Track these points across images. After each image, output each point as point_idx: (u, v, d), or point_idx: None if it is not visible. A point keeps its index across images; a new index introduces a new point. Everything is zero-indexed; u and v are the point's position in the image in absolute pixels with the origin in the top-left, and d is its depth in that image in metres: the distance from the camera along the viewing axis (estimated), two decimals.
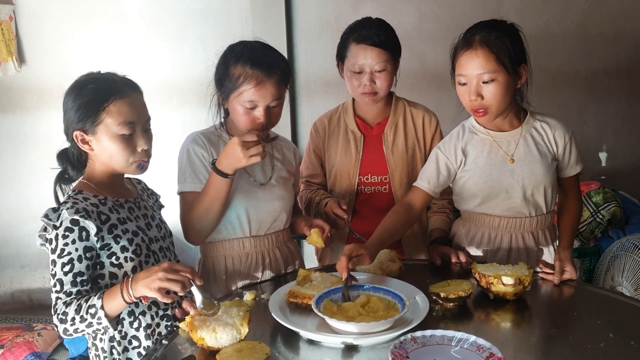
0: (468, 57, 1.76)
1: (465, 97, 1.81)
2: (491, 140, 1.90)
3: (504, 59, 1.74)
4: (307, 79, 3.79)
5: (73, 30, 3.77)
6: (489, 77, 1.75)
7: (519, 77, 1.81)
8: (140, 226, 1.66)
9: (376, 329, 1.39)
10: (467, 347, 1.32)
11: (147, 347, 1.62)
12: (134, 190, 1.77)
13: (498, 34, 1.76)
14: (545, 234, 1.97)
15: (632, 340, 1.39)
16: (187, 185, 1.87)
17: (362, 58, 2.02)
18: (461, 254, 1.90)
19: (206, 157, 1.88)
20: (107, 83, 1.59)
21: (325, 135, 2.24)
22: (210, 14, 3.72)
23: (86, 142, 1.59)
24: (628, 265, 2.43)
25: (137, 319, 1.62)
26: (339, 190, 2.21)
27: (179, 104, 3.80)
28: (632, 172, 3.79)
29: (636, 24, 3.66)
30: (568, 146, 1.91)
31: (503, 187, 1.88)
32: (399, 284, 1.66)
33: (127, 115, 1.57)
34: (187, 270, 1.44)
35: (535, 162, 1.87)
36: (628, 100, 3.76)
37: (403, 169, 2.17)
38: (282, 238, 2.02)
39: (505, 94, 1.78)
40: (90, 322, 1.45)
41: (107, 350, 1.62)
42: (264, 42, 1.88)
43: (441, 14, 3.65)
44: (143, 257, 1.62)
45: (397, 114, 2.20)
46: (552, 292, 1.76)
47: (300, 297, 1.57)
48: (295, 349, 1.41)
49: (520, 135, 1.89)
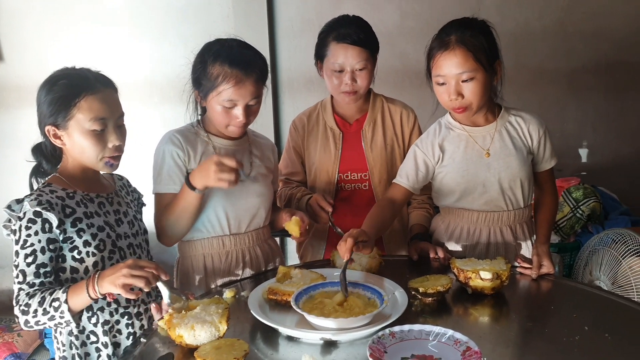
0: (446, 58, 1.78)
1: (444, 96, 1.83)
2: (467, 136, 1.93)
3: (481, 57, 1.77)
4: (289, 76, 3.79)
5: (53, 28, 3.73)
6: (468, 75, 1.77)
7: (495, 73, 1.83)
8: (108, 222, 1.65)
9: (355, 325, 1.40)
10: (444, 342, 1.33)
11: (105, 343, 1.64)
12: (111, 185, 1.77)
13: (473, 33, 1.77)
14: (523, 228, 1.99)
15: (606, 332, 1.41)
16: (161, 186, 1.87)
17: (343, 57, 2.02)
18: (439, 250, 1.91)
19: (182, 157, 1.87)
20: (79, 79, 1.59)
21: (304, 132, 2.24)
22: (191, 11, 3.70)
23: (58, 137, 1.60)
24: (606, 259, 2.47)
25: (95, 314, 1.63)
26: (318, 188, 2.22)
27: (160, 101, 3.78)
28: (611, 168, 3.84)
29: (614, 21, 3.70)
30: (543, 140, 1.93)
31: (480, 180, 1.90)
32: (378, 280, 1.67)
33: (98, 111, 1.58)
34: (152, 266, 1.45)
35: (510, 156, 1.89)
36: (607, 96, 3.80)
37: (382, 165, 2.18)
38: (263, 235, 2.02)
39: (484, 91, 1.80)
40: (52, 315, 1.46)
41: (67, 344, 1.63)
42: (240, 39, 1.88)
43: (422, 11, 3.67)
44: (107, 252, 1.62)
45: (376, 111, 2.21)
46: (530, 286, 1.78)
47: (279, 294, 1.57)
48: (275, 345, 1.41)
49: (496, 129, 1.91)
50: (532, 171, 1.97)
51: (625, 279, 2.33)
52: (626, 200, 3.56)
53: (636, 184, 3.77)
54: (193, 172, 1.76)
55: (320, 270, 1.73)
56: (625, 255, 2.39)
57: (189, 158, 1.88)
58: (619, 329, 1.45)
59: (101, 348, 1.64)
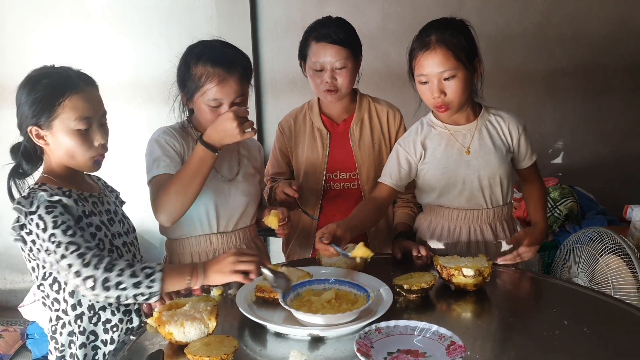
0: (427, 57, 1.82)
1: (427, 95, 1.87)
2: (448, 134, 1.98)
3: (461, 55, 1.82)
4: (272, 77, 3.81)
5: (34, 27, 3.70)
6: (450, 74, 1.82)
7: (475, 71, 1.89)
8: (103, 221, 1.66)
9: (342, 321, 1.42)
10: (429, 337, 1.36)
11: (105, 341, 1.64)
12: (96, 185, 1.77)
13: (452, 32, 1.83)
14: (503, 226, 2.04)
15: (585, 326, 1.46)
16: (161, 169, 1.82)
17: (322, 56, 2.06)
18: (422, 248, 1.95)
19: (177, 147, 1.87)
20: (61, 78, 1.58)
21: (291, 134, 2.26)
22: (175, 12, 3.70)
23: (41, 137, 1.58)
24: (583, 257, 2.52)
25: (96, 314, 1.63)
26: (306, 188, 2.23)
27: (144, 101, 3.77)
28: (588, 169, 3.91)
29: (592, 25, 3.78)
30: (522, 138, 1.99)
31: (460, 178, 1.95)
32: (363, 277, 1.70)
33: (83, 111, 1.57)
34: (255, 253, 1.53)
35: (490, 154, 1.94)
36: (584, 99, 3.88)
37: (370, 164, 2.21)
38: (250, 234, 2.04)
39: (465, 88, 1.86)
40: (139, 282, 1.42)
41: (66, 344, 1.62)
42: (223, 40, 1.90)
43: (404, 14, 3.71)
44: (106, 252, 1.62)
45: (362, 110, 2.23)
46: (511, 283, 1.83)
47: (267, 291, 1.59)
48: (263, 342, 1.44)
49: (476, 128, 1.97)
50: (515, 169, 2.04)
51: (602, 276, 2.39)
52: (602, 200, 3.63)
53: (612, 185, 3.86)
54: (207, 134, 1.73)
55: (306, 268, 1.76)
56: (602, 253, 2.44)
57: (184, 151, 1.89)
58: (597, 323, 1.50)
59: (100, 346, 1.64)
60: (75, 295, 1.60)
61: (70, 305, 1.61)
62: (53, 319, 1.63)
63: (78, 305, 1.61)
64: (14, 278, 3.98)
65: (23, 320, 3.49)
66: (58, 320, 1.63)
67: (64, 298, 1.60)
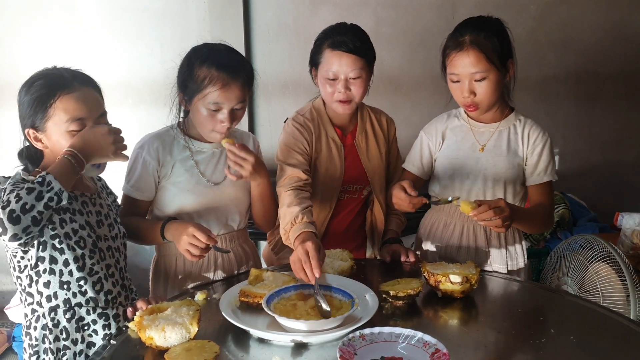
0: (460, 58, 1.84)
1: (457, 93, 1.90)
2: (468, 128, 2.01)
3: (494, 58, 1.82)
4: (264, 80, 3.78)
5: (25, 28, 3.68)
6: (481, 75, 1.83)
7: (507, 71, 1.89)
8: (89, 222, 1.64)
9: (325, 327, 1.41)
10: (413, 344, 1.34)
11: (75, 340, 1.62)
12: (93, 186, 1.75)
13: (487, 34, 1.83)
14: (499, 235, 2.02)
15: (571, 335, 1.44)
16: (131, 191, 1.91)
17: (337, 65, 1.94)
18: (410, 253, 1.94)
19: (153, 167, 1.88)
20: (54, 78, 1.57)
21: (312, 137, 2.06)
22: (167, 14, 3.69)
23: (39, 140, 1.57)
24: (573, 264, 2.51)
25: (71, 309, 1.61)
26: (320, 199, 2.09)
27: (135, 103, 3.75)
28: (580, 176, 3.92)
29: (584, 32, 3.79)
30: (538, 149, 1.96)
31: (465, 171, 1.97)
32: (349, 283, 1.68)
33: (75, 111, 1.55)
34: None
35: (501, 156, 1.95)
36: (576, 105, 3.89)
37: (381, 175, 2.15)
38: (237, 239, 2.02)
39: (496, 90, 1.87)
40: (39, 192, 1.41)
41: (40, 339, 1.60)
42: (228, 44, 1.89)
43: (397, 18, 3.71)
44: (87, 251, 1.61)
45: (365, 121, 2.14)
46: (499, 290, 1.81)
47: (251, 296, 1.57)
48: (245, 347, 1.42)
49: (497, 128, 1.98)
50: (525, 186, 2.00)
51: (591, 283, 2.38)
52: (594, 207, 3.64)
53: (604, 192, 3.87)
54: (169, 226, 1.80)
55: (291, 274, 1.74)
56: (592, 260, 2.43)
57: (163, 167, 1.89)
58: (585, 332, 1.49)
59: (69, 345, 1.62)
60: (51, 287, 1.58)
61: (45, 297, 1.59)
62: (28, 314, 1.62)
63: (53, 297, 1.59)
64: (0, 279, 3.94)
65: (10, 322, 3.46)
66: (33, 314, 1.61)
67: (38, 290, 1.59)
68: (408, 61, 3.75)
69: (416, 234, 2.20)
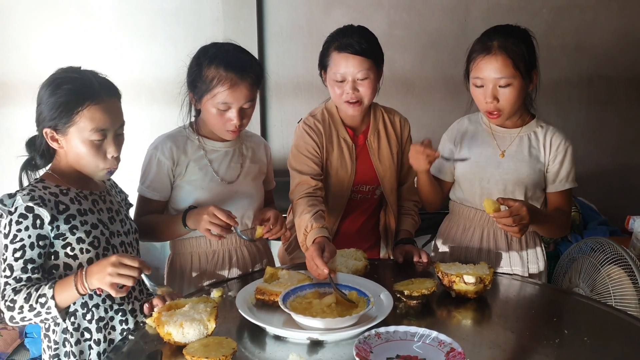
0: (486, 62, 1.84)
1: (480, 98, 1.90)
2: (490, 133, 2.01)
3: (520, 65, 1.83)
4: (277, 81, 3.81)
5: (39, 26, 3.70)
6: (506, 82, 1.84)
7: (531, 81, 1.90)
8: (102, 219, 1.66)
9: (341, 325, 1.42)
10: (428, 343, 1.36)
11: (98, 340, 1.64)
12: (102, 184, 1.77)
13: (515, 41, 1.84)
14: (520, 240, 2.03)
15: (585, 336, 1.45)
16: (146, 191, 1.92)
17: (344, 67, 1.96)
18: (423, 254, 1.95)
19: (168, 167, 1.90)
20: (84, 86, 1.57)
21: (322, 138, 2.08)
22: (181, 14, 3.71)
23: (55, 140, 1.59)
24: (585, 267, 2.51)
25: (90, 310, 1.63)
26: (331, 198, 2.12)
27: (148, 102, 3.77)
28: (591, 179, 3.90)
29: (596, 36, 3.78)
30: (560, 155, 1.97)
31: (485, 176, 1.98)
32: (364, 282, 1.70)
33: (100, 122, 1.57)
34: (136, 262, 1.46)
35: (522, 161, 1.95)
36: (587, 109, 3.88)
37: (392, 175, 2.15)
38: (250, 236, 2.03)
39: (519, 98, 1.88)
40: (39, 312, 1.46)
41: (60, 342, 1.62)
42: (236, 44, 1.90)
43: (410, 21, 3.71)
44: (101, 249, 1.62)
45: (377, 121, 2.15)
46: (512, 291, 1.82)
47: (267, 293, 1.59)
48: (262, 344, 1.43)
49: (518, 134, 1.98)
50: (544, 190, 2.01)
51: (603, 286, 2.38)
52: (605, 211, 3.63)
53: (615, 195, 3.85)
54: (190, 213, 1.83)
55: (307, 272, 1.75)
56: (603, 263, 2.43)
57: (178, 165, 1.91)
58: (598, 333, 1.49)
59: (93, 346, 1.63)
60: None
61: None
62: None
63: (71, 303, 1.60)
64: None
65: None
66: None
67: None
68: (420, 63, 3.76)
69: (433, 241, 2.20)
